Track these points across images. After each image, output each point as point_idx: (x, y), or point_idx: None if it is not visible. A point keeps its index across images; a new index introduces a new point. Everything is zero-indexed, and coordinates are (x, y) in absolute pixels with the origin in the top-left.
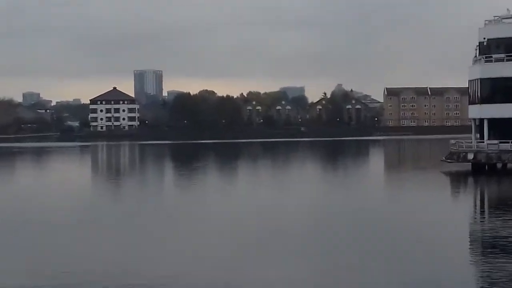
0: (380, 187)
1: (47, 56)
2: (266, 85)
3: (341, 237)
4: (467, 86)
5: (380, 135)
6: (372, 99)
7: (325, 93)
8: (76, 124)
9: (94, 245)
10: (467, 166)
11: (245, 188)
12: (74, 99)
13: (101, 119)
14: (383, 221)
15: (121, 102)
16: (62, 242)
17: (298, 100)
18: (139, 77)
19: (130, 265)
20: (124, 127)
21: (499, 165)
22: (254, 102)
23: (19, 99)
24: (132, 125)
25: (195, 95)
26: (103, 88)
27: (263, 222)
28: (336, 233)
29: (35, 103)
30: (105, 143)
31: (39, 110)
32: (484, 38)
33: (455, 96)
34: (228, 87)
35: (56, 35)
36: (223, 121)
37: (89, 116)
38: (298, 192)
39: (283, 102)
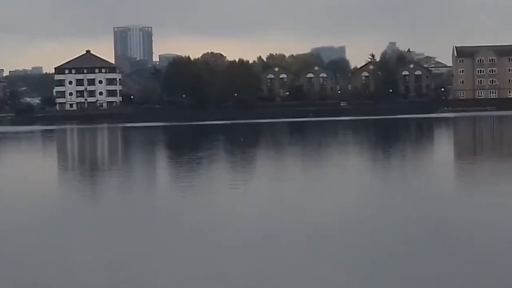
0: (451, 185)
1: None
2: (293, 46)
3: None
4: None
5: (448, 111)
6: (437, 62)
7: (373, 55)
8: (36, 101)
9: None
10: None
11: (266, 186)
12: (33, 68)
13: (70, 94)
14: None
15: (97, 71)
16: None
17: (337, 65)
18: (121, 37)
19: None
20: (101, 105)
21: None
22: (277, 69)
23: None
24: (113, 101)
25: (196, 60)
26: (72, 52)
27: (296, 237)
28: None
29: None
30: (76, 126)
31: None
32: None
33: None
34: (241, 49)
35: None
36: (235, 94)
37: (54, 91)
38: (340, 192)
39: (316, 68)
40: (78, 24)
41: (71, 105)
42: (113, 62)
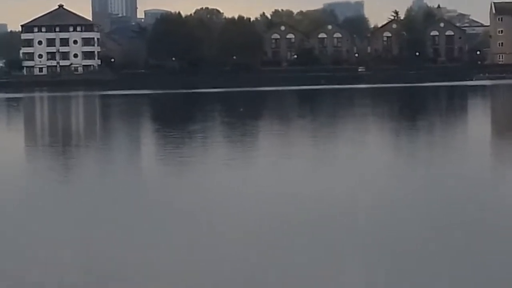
0: (488, 168)
1: None
2: (303, 0)
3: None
4: None
5: (485, 78)
6: (472, 20)
7: (396, 12)
8: (0, 64)
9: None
10: None
11: (269, 165)
12: None
13: (40, 56)
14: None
15: (71, 29)
16: None
17: (353, 23)
18: None
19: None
20: (76, 69)
21: None
22: (283, 27)
23: None
24: (90, 65)
25: (188, 17)
26: (42, 7)
27: (303, 226)
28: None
29: None
30: (46, 94)
31: None
32: None
33: None
34: (242, 4)
35: None
36: (234, 57)
37: (21, 52)
38: (356, 173)
39: (330, 27)
40: None
41: (40, 69)
42: (90, 19)
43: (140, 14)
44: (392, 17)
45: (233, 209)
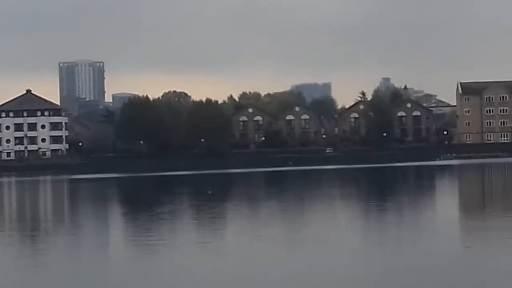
0: (457, 248)
1: None
2: (270, 83)
3: None
4: None
5: (452, 158)
6: (439, 101)
7: (363, 93)
8: None
9: None
10: None
11: (242, 247)
12: None
13: (8, 141)
14: None
15: (39, 114)
16: None
17: (321, 104)
18: (68, 74)
19: None
20: (44, 153)
21: None
22: (251, 110)
23: None
24: (58, 149)
25: (156, 101)
26: (10, 92)
27: None
28: None
29: None
30: (14, 179)
31: None
32: None
33: None
34: (209, 87)
35: None
36: (202, 140)
37: None
38: (324, 255)
39: (297, 109)
40: (16, 58)
41: (8, 154)
42: (58, 103)
43: (108, 98)
44: (360, 98)
45: None
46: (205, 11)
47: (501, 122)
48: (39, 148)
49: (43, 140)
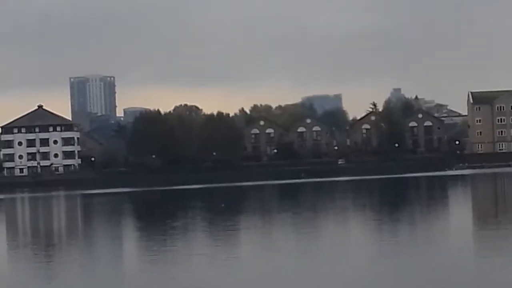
0: (470, 259)
1: None
2: (281, 95)
3: None
4: None
5: (464, 168)
6: (450, 110)
7: (374, 104)
8: None
9: None
10: None
11: (261, 261)
12: None
13: (20, 156)
14: None
15: (51, 129)
16: None
17: (332, 116)
18: (79, 89)
19: None
20: (56, 169)
21: None
22: (262, 122)
23: None
24: (70, 164)
25: (168, 114)
26: (21, 108)
27: None
28: None
29: None
30: (27, 195)
31: None
32: None
33: None
34: (220, 100)
35: None
36: (214, 153)
37: (1, 154)
38: (339, 269)
39: (309, 121)
40: (28, 74)
41: (21, 170)
42: (69, 118)
43: (120, 113)
44: (371, 109)
45: None
46: (216, 24)
47: None
48: (52, 164)
49: (56, 155)
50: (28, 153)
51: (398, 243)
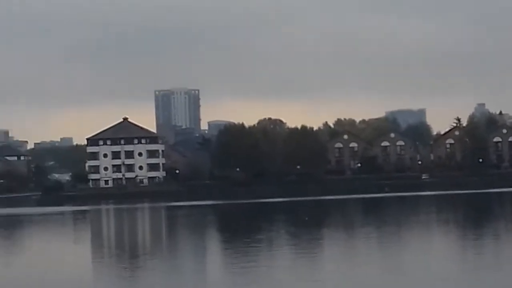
0: None
1: (18, 73)
2: (365, 109)
3: None
4: None
5: None
6: None
7: (458, 119)
8: (66, 177)
9: None
10: None
11: (339, 273)
12: (62, 139)
13: (106, 168)
14: None
15: (136, 142)
16: None
17: (416, 131)
18: (164, 102)
19: None
20: (141, 181)
21: None
22: (346, 136)
23: None
24: (155, 177)
25: (252, 128)
26: (107, 120)
27: None
28: None
29: (1, 146)
30: (112, 206)
31: (8, 158)
32: None
33: None
34: (304, 114)
35: (30, 38)
36: (298, 167)
37: (87, 165)
38: None
39: (392, 135)
40: (113, 87)
41: (106, 181)
42: (154, 131)
43: (204, 126)
44: (455, 124)
45: None
46: (302, 38)
47: None
48: (137, 176)
49: (141, 167)
50: (113, 165)
51: (487, 257)
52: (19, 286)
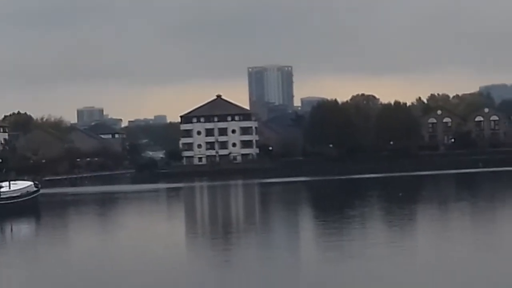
0: None
1: (112, 52)
2: (458, 84)
3: None
4: None
5: None
6: None
7: None
8: (160, 155)
9: None
10: None
11: (431, 248)
12: (156, 117)
13: (199, 146)
14: None
15: (229, 119)
16: None
17: (510, 105)
18: (257, 79)
19: None
20: (235, 158)
21: None
22: (439, 112)
23: (72, 119)
24: (248, 153)
25: (345, 104)
26: (200, 97)
27: None
28: None
29: (96, 124)
30: (206, 183)
31: (103, 136)
32: None
33: None
34: (397, 89)
35: (127, 18)
36: (391, 142)
37: (180, 143)
38: None
39: (486, 110)
40: (206, 65)
41: (200, 159)
42: (247, 108)
43: (297, 102)
44: None
45: None
46: (397, 14)
47: None
48: (230, 153)
49: (234, 144)
50: (207, 142)
51: None
52: (123, 259)
